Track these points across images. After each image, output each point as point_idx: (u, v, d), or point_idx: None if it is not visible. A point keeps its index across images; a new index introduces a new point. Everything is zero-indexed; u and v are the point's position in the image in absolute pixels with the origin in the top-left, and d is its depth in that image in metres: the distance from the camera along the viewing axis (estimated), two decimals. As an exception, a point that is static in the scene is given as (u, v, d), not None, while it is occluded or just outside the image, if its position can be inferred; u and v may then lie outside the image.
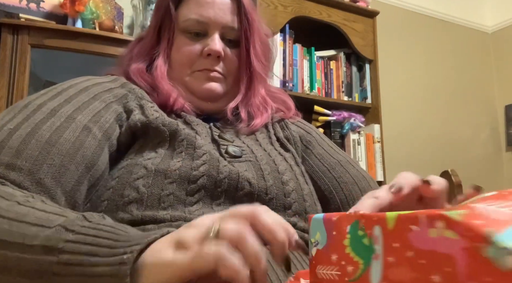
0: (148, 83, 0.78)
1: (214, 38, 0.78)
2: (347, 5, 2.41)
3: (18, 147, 0.57)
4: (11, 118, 0.61)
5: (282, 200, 0.69)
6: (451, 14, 3.29)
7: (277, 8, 2.21)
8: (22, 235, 0.44)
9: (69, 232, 0.43)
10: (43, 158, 0.58)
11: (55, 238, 0.43)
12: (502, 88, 3.36)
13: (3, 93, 1.57)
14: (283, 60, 2.24)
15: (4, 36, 1.60)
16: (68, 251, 0.42)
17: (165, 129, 0.68)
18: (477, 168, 3.10)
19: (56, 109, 0.64)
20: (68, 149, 0.61)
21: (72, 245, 0.42)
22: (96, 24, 1.82)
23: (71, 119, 0.64)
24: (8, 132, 0.59)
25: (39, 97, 0.66)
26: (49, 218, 0.45)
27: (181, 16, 0.80)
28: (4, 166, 0.56)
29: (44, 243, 0.43)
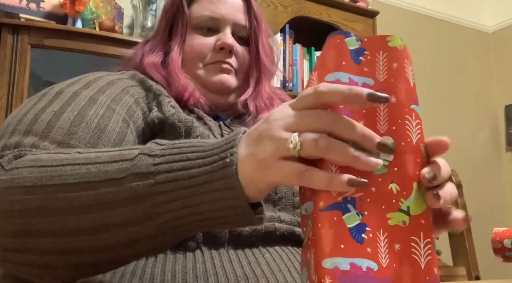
0: (164, 77, 0.79)
1: (226, 33, 0.81)
2: (347, 5, 2.41)
3: (69, 128, 0.57)
4: (49, 102, 0.61)
5: (291, 199, 0.71)
6: (451, 14, 3.29)
7: (277, 8, 2.21)
8: (106, 172, 0.44)
9: (154, 157, 0.43)
10: (95, 142, 0.59)
11: (143, 165, 0.43)
12: (502, 88, 3.36)
13: (3, 93, 1.57)
14: (283, 60, 2.24)
15: (4, 36, 1.61)
16: (162, 171, 0.42)
17: (180, 125, 0.69)
18: (477, 168, 3.10)
19: (94, 98, 0.64)
20: (115, 138, 0.62)
21: (164, 165, 0.42)
22: (96, 24, 1.82)
23: (111, 109, 0.64)
24: (54, 113, 0.59)
25: (69, 86, 0.66)
26: (123, 153, 0.45)
27: (194, 13, 0.83)
28: (57, 143, 0.55)
29: (134, 171, 0.43)
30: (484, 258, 1.55)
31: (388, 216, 0.39)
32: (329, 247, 0.38)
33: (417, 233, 0.39)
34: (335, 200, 0.39)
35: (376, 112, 0.41)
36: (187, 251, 0.60)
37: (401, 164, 0.40)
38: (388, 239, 0.39)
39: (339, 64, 0.42)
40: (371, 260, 0.38)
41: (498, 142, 3.31)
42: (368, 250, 0.38)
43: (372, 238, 0.39)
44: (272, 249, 0.65)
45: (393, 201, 0.39)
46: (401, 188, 0.40)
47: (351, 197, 0.39)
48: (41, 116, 0.58)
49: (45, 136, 0.56)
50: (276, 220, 0.68)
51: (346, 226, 0.38)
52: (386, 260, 0.38)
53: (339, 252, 0.38)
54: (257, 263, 0.61)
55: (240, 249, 0.62)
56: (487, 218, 2.78)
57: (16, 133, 0.56)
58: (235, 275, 0.57)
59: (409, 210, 0.40)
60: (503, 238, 0.92)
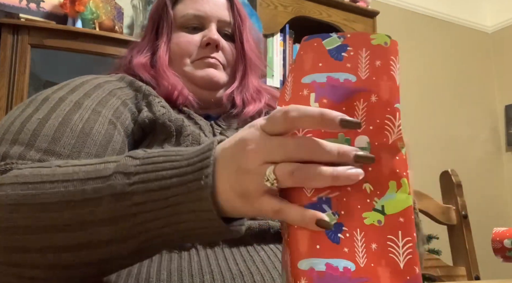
0: (152, 76, 0.80)
1: (211, 29, 0.82)
2: (347, 5, 2.41)
3: (54, 135, 0.58)
4: (35, 109, 0.62)
5: None
6: (451, 14, 3.29)
7: (277, 8, 2.21)
8: (83, 191, 0.45)
9: (129, 176, 0.44)
10: (80, 146, 0.59)
11: (118, 185, 0.43)
12: (502, 88, 3.36)
13: (3, 93, 1.57)
14: (283, 60, 2.24)
15: (4, 36, 1.61)
16: (138, 191, 0.43)
17: (171, 125, 0.69)
18: (477, 168, 3.10)
19: (79, 102, 0.65)
20: (101, 140, 0.62)
21: (140, 186, 0.43)
22: (96, 24, 1.82)
23: (96, 112, 0.65)
24: (39, 121, 0.59)
25: (55, 91, 0.66)
26: (98, 169, 0.46)
27: (178, 13, 0.84)
28: (42, 151, 0.56)
29: (110, 192, 0.43)
30: (484, 258, 1.55)
31: (363, 215, 0.39)
32: (304, 248, 0.38)
33: (394, 232, 0.39)
34: (310, 200, 0.39)
35: (355, 111, 0.41)
36: (182, 250, 0.60)
37: (375, 164, 0.40)
38: (365, 239, 0.38)
39: (316, 66, 0.42)
40: (348, 260, 0.37)
41: (498, 142, 3.31)
42: (345, 250, 0.38)
43: (349, 237, 0.38)
44: (267, 247, 0.65)
45: (367, 200, 0.39)
46: (375, 188, 0.39)
47: (326, 197, 0.39)
48: (27, 124, 0.59)
49: (31, 145, 0.56)
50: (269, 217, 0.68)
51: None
52: (364, 260, 0.38)
53: (314, 253, 0.37)
54: (252, 260, 0.61)
55: (235, 248, 0.63)
56: (487, 218, 2.78)
57: (3, 142, 0.57)
58: (230, 272, 0.58)
59: (383, 209, 0.39)
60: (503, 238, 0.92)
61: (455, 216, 1.21)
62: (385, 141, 0.41)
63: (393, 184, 0.40)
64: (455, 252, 1.21)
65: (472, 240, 1.20)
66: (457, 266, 1.18)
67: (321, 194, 0.39)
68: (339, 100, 0.41)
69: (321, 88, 0.41)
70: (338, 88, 0.41)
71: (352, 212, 0.39)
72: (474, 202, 1.88)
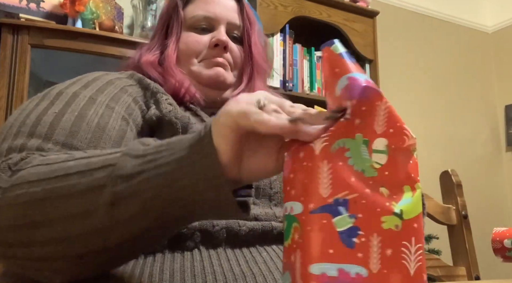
0: (160, 73, 0.81)
1: (220, 30, 0.83)
2: (347, 5, 2.41)
3: (71, 129, 0.59)
4: (50, 103, 0.62)
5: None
6: (451, 14, 3.29)
7: (277, 8, 2.21)
8: (104, 160, 0.47)
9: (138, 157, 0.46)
10: (97, 141, 0.60)
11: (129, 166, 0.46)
12: (502, 88, 3.36)
13: (3, 93, 1.57)
14: (283, 60, 2.24)
15: (4, 36, 1.61)
16: (149, 153, 0.46)
17: (177, 122, 0.70)
18: (477, 168, 3.10)
19: (93, 97, 0.65)
20: (115, 136, 0.63)
21: (151, 150, 0.46)
22: (96, 24, 1.82)
23: (110, 108, 0.65)
24: (55, 115, 0.60)
25: (69, 86, 0.67)
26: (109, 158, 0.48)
27: (189, 14, 0.85)
28: (60, 144, 0.57)
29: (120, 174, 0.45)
30: (484, 258, 1.55)
31: (382, 219, 0.38)
32: (317, 251, 0.36)
33: (408, 238, 0.38)
34: (326, 202, 0.37)
35: (376, 112, 0.41)
36: (185, 250, 0.60)
37: (392, 167, 0.39)
38: (382, 244, 0.37)
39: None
40: (361, 266, 0.36)
41: (498, 142, 3.31)
42: (358, 255, 0.36)
43: (364, 242, 0.37)
44: (269, 248, 0.65)
45: (386, 204, 0.38)
46: (391, 192, 0.39)
47: (344, 199, 0.38)
48: (43, 117, 0.59)
49: (48, 138, 0.57)
50: (272, 217, 0.68)
51: (336, 230, 0.37)
52: (377, 265, 0.37)
53: (327, 257, 0.36)
54: (254, 261, 0.61)
55: (237, 248, 0.63)
56: (487, 218, 2.78)
57: (20, 135, 0.57)
58: (233, 273, 0.58)
59: (402, 213, 0.38)
60: (503, 238, 0.92)
61: (455, 216, 1.21)
62: (401, 144, 0.40)
63: (408, 188, 0.39)
64: (455, 252, 1.21)
65: (472, 240, 1.20)
66: (457, 266, 1.18)
67: (338, 195, 0.38)
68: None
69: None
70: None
71: (371, 216, 0.38)
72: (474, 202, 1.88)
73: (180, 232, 0.60)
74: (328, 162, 0.39)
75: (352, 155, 0.39)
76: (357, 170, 0.39)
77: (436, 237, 2.27)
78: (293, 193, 0.40)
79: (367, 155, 0.39)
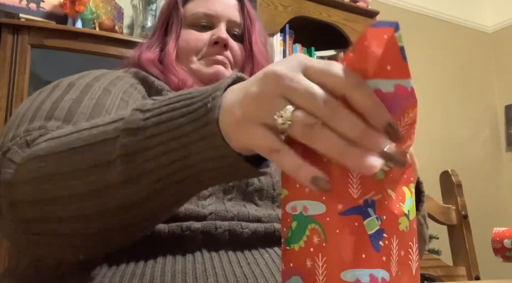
0: (161, 71, 0.80)
1: (221, 28, 0.82)
2: (347, 5, 2.41)
3: (90, 114, 0.59)
4: (64, 91, 0.62)
5: None
6: (451, 14, 3.29)
7: (277, 8, 2.21)
8: (104, 133, 0.46)
9: (144, 112, 0.44)
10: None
11: (134, 120, 0.44)
12: (502, 88, 3.36)
13: (3, 93, 1.57)
14: (283, 60, 2.24)
15: (4, 36, 1.61)
16: (150, 125, 0.42)
17: None
18: (477, 168, 3.10)
19: (108, 89, 0.65)
20: None
21: (152, 119, 0.43)
22: (96, 24, 1.82)
23: (124, 101, 0.65)
24: (72, 101, 0.60)
25: (79, 79, 0.66)
26: (122, 114, 0.46)
27: (189, 11, 0.84)
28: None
29: (125, 127, 0.44)
30: (484, 258, 1.54)
31: (399, 221, 0.37)
32: (349, 257, 0.34)
33: (412, 239, 0.38)
34: (356, 203, 0.35)
35: (402, 118, 0.37)
36: (187, 252, 0.60)
37: (395, 170, 0.38)
38: (399, 246, 0.36)
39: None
40: (384, 270, 0.35)
41: (498, 142, 3.31)
42: (383, 259, 0.35)
43: (387, 245, 0.35)
44: (271, 250, 0.65)
45: (397, 205, 0.37)
46: (397, 194, 0.38)
47: (372, 200, 0.35)
48: (60, 103, 0.59)
49: (67, 121, 0.57)
50: (275, 219, 0.68)
51: (367, 233, 0.35)
52: (395, 268, 0.36)
53: (360, 263, 0.34)
54: (256, 263, 0.61)
55: (239, 251, 0.63)
56: (487, 218, 2.78)
57: (37, 119, 0.57)
58: (235, 275, 0.58)
59: (409, 214, 0.38)
60: (503, 238, 0.92)
61: (455, 216, 1.21)
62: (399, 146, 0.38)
63: (406, 189, 0.39)
64: (455, 252, 1.21)
65: (472, 240, 1.20)
66: (457, 266, 1.18)
67: (367, 196, 0.35)
68: None
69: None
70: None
71: (391, 217, 0.36)
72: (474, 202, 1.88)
73: (182, 234, 0.60)
74: None
75: None
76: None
77: (436, 237, 2.27)
78: (307, 191, 0.37)
79: None
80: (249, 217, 0.65)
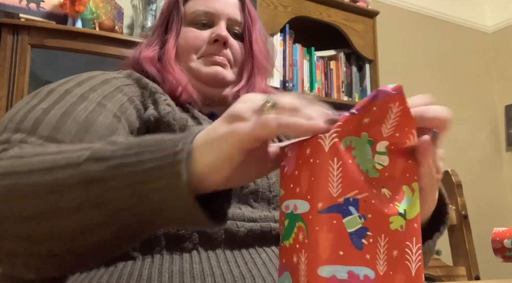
0: (158, 70, 0.80)
1: (220, 26, 0.82)
2: (347, 5, 2.41)
3: (56, 124, 0.58)
4: (40, 100, 0.61)
5: None
6: (451, 14, 3.29)
7: (277, 8, 2.21)
8: (68, 158, 0.45)
9: (114, 144, 0.44)
10: (82, 135, 0.59)
11: (101, 150, 0.44)
12: (502, 88, 3.36)
13: (3, 93, 1.57)
14: (283, 60, 2.24)
15: (4, 36, 1.60)
16: (118, 156, 0.42)
17: (175, 123, 0.69)
18: (477, 168, 3.10)
19: (85, 95, 0.64)
20: (103, 132, 0.61)
21: (120, 151, 0.43)
22: (96, 24, 1.82)
23: (101, 105, 0.64)
24: (42, 111, 0.59)
25: (62, 84, 0.66)
26: (72, 156, 0.45)
27: (189, 9, 0.84)
28: (44, 138, 0.56)
29: (92, 156, 0.43)
30: (484, 258, 1.54)
31: (390, 220, 0.37)
32: (327, 253, 0.35)
33: (410, 239, 0.38)
34: (336, 201, 0.36)
35: (387, 114, 0.39)
36: (184, 252, 0.60)
37: (392, 169, 0.39)
38: (388, 245, 0.37)
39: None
40: (368, 268, 0.35)
41: (498, 142, 3.31)
42: (367, 257, 0.36)
43: (372, 243, 0.36)
44: (269, 249, 0.65)
45: (390, 204, 0.38)
46: (393, 193, 0.38)
47: (354, 198, 0.36)
48: (30, 114, 0.58)
49: (32, 132, 0.56)
50: (271, 219, 0.68)
51: (346, 231, 0.36)
52: (384, 267, 0.36)
53: (337, 260, 0.35)
54: (254, 263, 0.61)
55: (236, 250, 0.63)
56: (487, 218, 2.78)
57: (6, 131, 0.57)
58: (232, 275, 0.58)
59: (405, 213, 0.38)
60: (503, 238, 0.92)
61: (455, 216, 1.21)
62: (401, 145, 0.40)
63: (407, 188, 0.39)
64: (455, 252, 1.21)
65: (472, 240, 1.20)
66: (457, 266, 1.18)
67: (349, 194, 0.36)
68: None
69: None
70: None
71: (379, 216, 0.37)
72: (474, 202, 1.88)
73: (178, 233, 0.60)
74: (338, 159, 0.37)
75: (357, 154, 0.38)
76: (363, 169, 0.38)
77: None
78: (297, 191, 0.38)
79: (370, 155, 0.39)
80: (244, 219, 0.65)
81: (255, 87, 0.84)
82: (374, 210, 0.37)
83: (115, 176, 0.42)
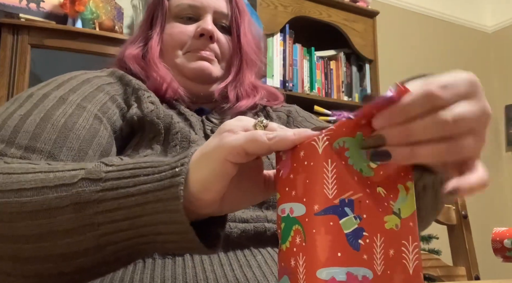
0: (142, 68, 0.78)
1: (206, 19, 0.78)
2: (347, 5, 2.41)
3: (34, 131, 0.56)
4: (18, 106, 0.60)
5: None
6: (451, 14, 3.29)
7: (277, 8, 2.21)
8: (60, 178, 0.43)
9: (108, 165, 0.43)
10: (62, 141, 0.57)
11: (95, 171, 0.42)
12: (502, 88, 3.36)
13: (3, 93, 1.57)
14: (283, 60, 2.24)
15: (4, 36, 1.61)
16: (111, 178, 0.41)
17: (159, 122, 0.67)
18: (477, 168, 3.10)
19: (64, 97, 0.63)
20: (85, 135, 0.60)
21: (114, 173, 0.42)
22: (96, 24, 1.82)
23: (81, 107, 0.63)
24: (20, 118, 0.57)
25: (41, 88, 0.65)
26: (65, 176, 0.44)
27: (173, 3, 0.81)
28: (23, 149, 0.55)
29: (85, 176, 0.42)
30: (484, 258, 1.55)
31: (385, 219, 0.37)
32: (325, 255, 0.35)
33: (406, 237, 0.38)
34: (331, 203, 0.36)
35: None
36: (176, 255, 0.58)
37: (386, 167, 0.38)
38: (384, 244, 0.37)
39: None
40: (366, 268, 0.35)
41: (498, 142, 3.31)
42: (364, 257, 0.36)
43: (368, 243, 0.36)
44: (264, 250, 0.63)
45: (385, 203, 0.38)
46: (388, 192, 0.38)
47: (349, 199, 0.36)
48: (8, 121, 0.57)
49: (11, 142, 0.55)
50: (263, 219, 0.66)
51: (343, 232, 0.35)
52: (381, 267, 0.36)
53: (335, 261, 0.35)
54: (249, 265, 0.60)
55: (231, 252, 0.61)
56: (487, 218, 2.78)
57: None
58: (226, 279, 0.56)
59: (400, 212, 0.38)
60: (503, 238, 0.92)
61: (455, 216, 1.21)
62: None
63: (402, 187, 0.39)
64: (455, 252, 1.21)
65: (472, 240, 1.20)
66: (457, 266, 1.18)
67: (344, 195, 0.36)
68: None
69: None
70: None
71: (374, 216, 0.37)
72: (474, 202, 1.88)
73: None
74: (332, 161, 0.37)
75: (351, 155, 0.38)
76: (357, 169, 0.38)
77: (436, 237, 2.27)
78: (293, 194, 0.38)
79: (364, 154, 0.38)
80: (236, 219, 0.63)
81: (244, 82, 0.81)
82: (369, 210, 0.37)
83: (108, 198, 0.41)
